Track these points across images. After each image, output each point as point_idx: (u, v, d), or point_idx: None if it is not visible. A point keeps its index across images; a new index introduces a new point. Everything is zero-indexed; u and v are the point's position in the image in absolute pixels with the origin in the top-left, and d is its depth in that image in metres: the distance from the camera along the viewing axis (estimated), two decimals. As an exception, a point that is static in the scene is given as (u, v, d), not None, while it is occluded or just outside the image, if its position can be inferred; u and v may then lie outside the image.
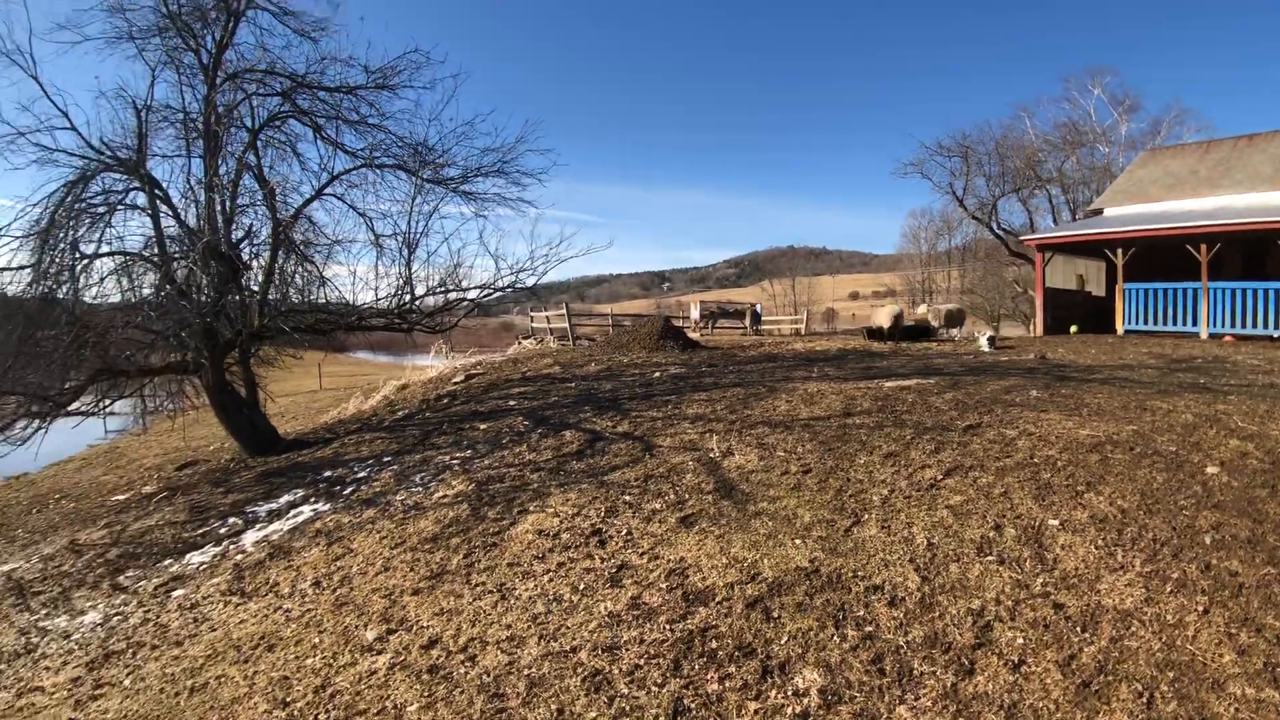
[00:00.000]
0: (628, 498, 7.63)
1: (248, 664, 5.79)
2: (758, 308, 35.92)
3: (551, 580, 6.09)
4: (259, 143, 14.15)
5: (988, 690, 4.15)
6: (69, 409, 12.43)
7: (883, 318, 21.95)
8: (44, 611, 7.99)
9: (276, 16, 14.16)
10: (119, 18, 13.14)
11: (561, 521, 7.26)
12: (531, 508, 7.76)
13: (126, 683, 5.98)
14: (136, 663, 6.28)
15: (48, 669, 6.60)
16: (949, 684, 4.24)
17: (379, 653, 5.51)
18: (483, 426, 11.94)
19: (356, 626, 5.97)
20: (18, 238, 12.05)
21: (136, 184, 13.04)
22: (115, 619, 7.35)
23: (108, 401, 13.53)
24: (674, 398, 12.06)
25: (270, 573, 7.59)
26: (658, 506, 7.27)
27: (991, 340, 18.92)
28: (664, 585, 5.68)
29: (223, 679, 5.66)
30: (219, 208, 13.61)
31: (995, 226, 51.31)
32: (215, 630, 6.55)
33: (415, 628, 5.77)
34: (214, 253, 12.81)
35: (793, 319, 42.96)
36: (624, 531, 6.81)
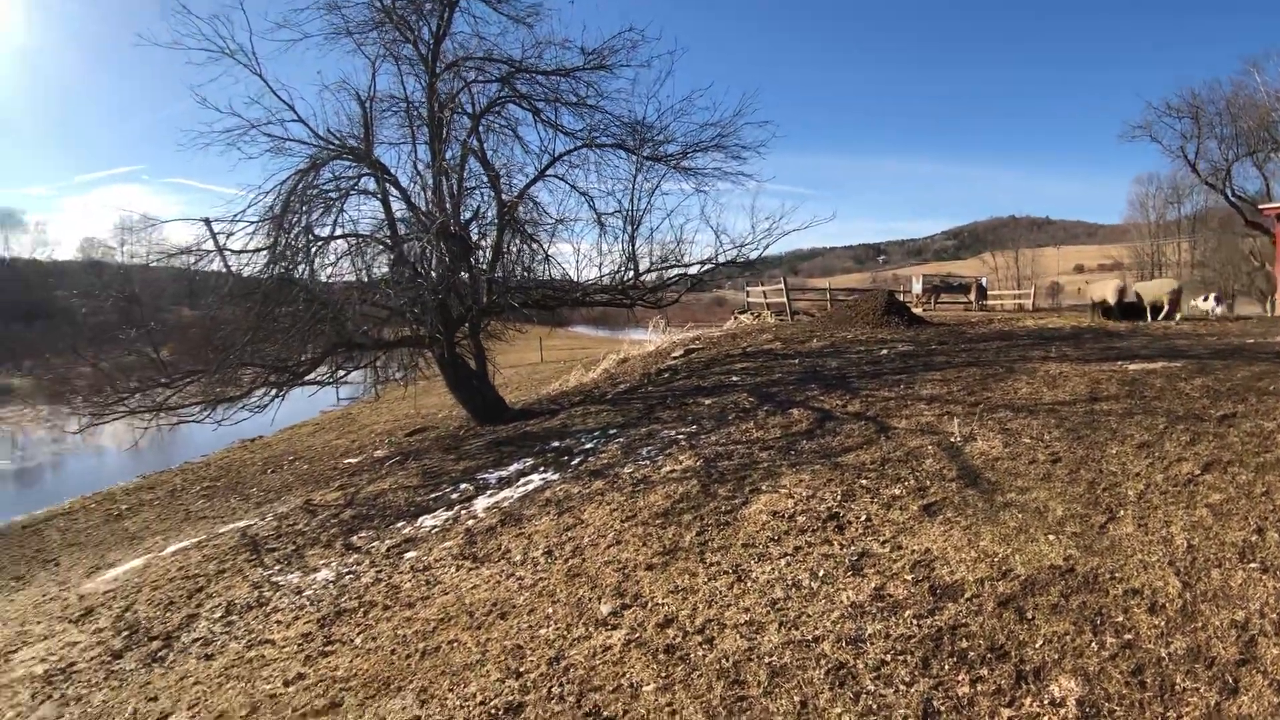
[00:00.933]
0: (864, 481, 6.91)
1: (480, 630, 5.36)
2: (983, 281, 33.63)
3: (789, 564, 5.50)
4: (480, 128, 14.25)
5: (1251, 713, 3.56)
6: (305, 379, 12.94)
7: (1106, 292, 19.85)
8: (277, 567, 7.93)
9: (490, 4, 14.15)
10: (335, 15, 13.48)
11: (796, 503, 6.60)
12: (764, 487, 7.13)
13: (357, 641, 5.63)
14: (368, 622, 5.96)
15: (279, 623, 6.42)
16: (1212, 703, 3.64)
17: (613, 628, 5.05)
18: (707, 402, 11.33)
19: (590, 599, 5.50)
20: (253, 222, 12.57)
21: (366, 170, 13.43)
22: (347, 577, 7.15)
23: (342, 372, 14.01)
24: (905, 377, 11.11)
25: (502, 539, 7.21)
26: (897, 492, 6.54)
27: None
28: (909, 577, 5.06)
29: (455, 644, 5.23)
30: (446, 191, 13.83)
31: (1230, 193, 45.39)
32: (447, 594, 6.17)
33: (650, 604, 5.27)
34: (446, 233, 12.97)
35: (1016, 294, 40.17)
36: (863, 517, 6.12)
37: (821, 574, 5.22)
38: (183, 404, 11.97)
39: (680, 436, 9.61)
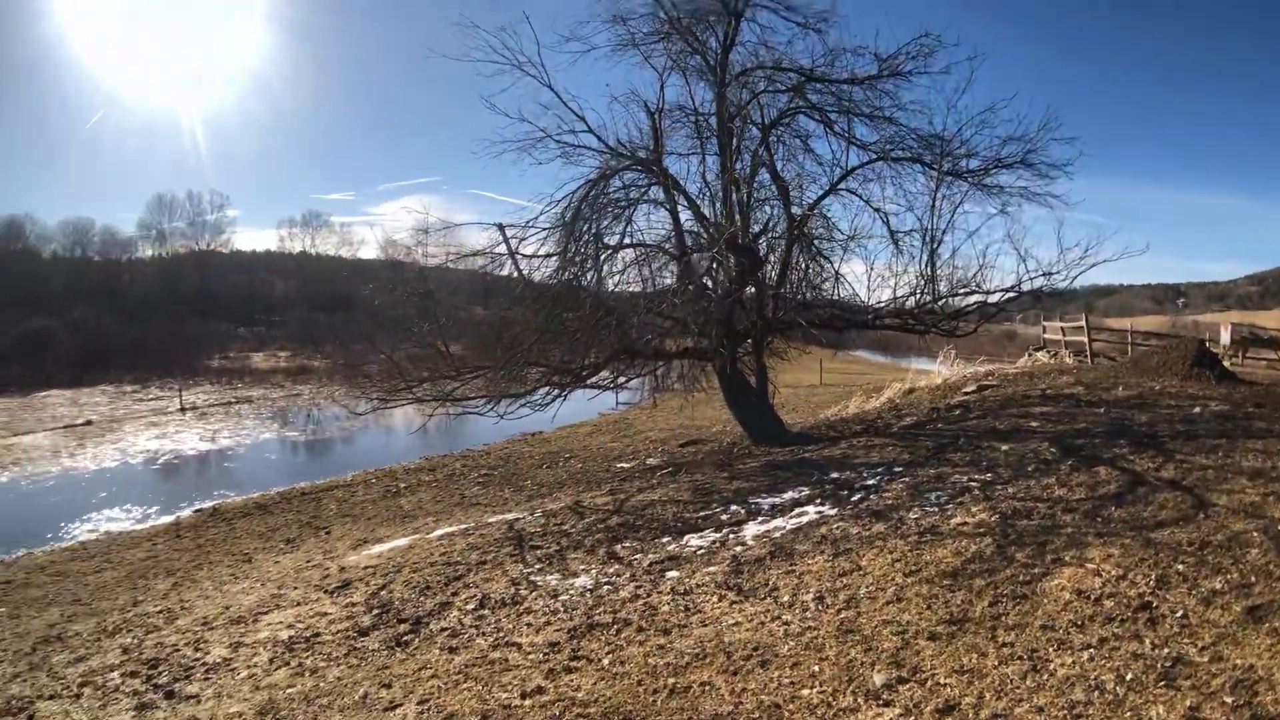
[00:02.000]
0: (1180, 566, 5.51)
1: (736, 676, 4.59)
2: (1298, 335, 28.30)
3: (1093, 660, 4.37)
4: (770, 139, 13.77)
5: None
6: (587, 381, 12.97)
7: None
8: (537, 566, 7.62)
9: (777, 12, 13.53)
10: (621, 27, 13.47)
11: (1104, 583, 5.35)
12: (1067, 558, 5.89)
13: (604, 661, 5.06)
14: (619, 642, 5.38)
15: (529, 625, 6.02)
16: None
17: (886, 703, 4.14)
18: (1003, 448, 9.97)
19: (862, 663, 4.59)
20: (544, 229, 12.89)
21: (655, 180, 13.36)
22: (605, 588, 6.65)
23: (623, 378, 13.97)
24: (1223, 443, 9.14)
25: (770, 573, 6.42)
26: (1218, 586, 5.13)
27: None
28: (1229, 699, 3.88)
29: (707, 687, 4.49)
30: (735, 202, 13.46)
31: None
32: (706, 626, 5.46)
33: (930, 682, 4.31)
34: (734, 245, 12.61)
35: (1339, 353, 33.11)
36: (1178, 612, 4.83)
37: (1129, 678, 4.11)
38: (468, 396, 12.42)
39: (973, 484, 8.37)
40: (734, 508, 8.77)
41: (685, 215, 13.66)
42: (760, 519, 8.19)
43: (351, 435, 25.85)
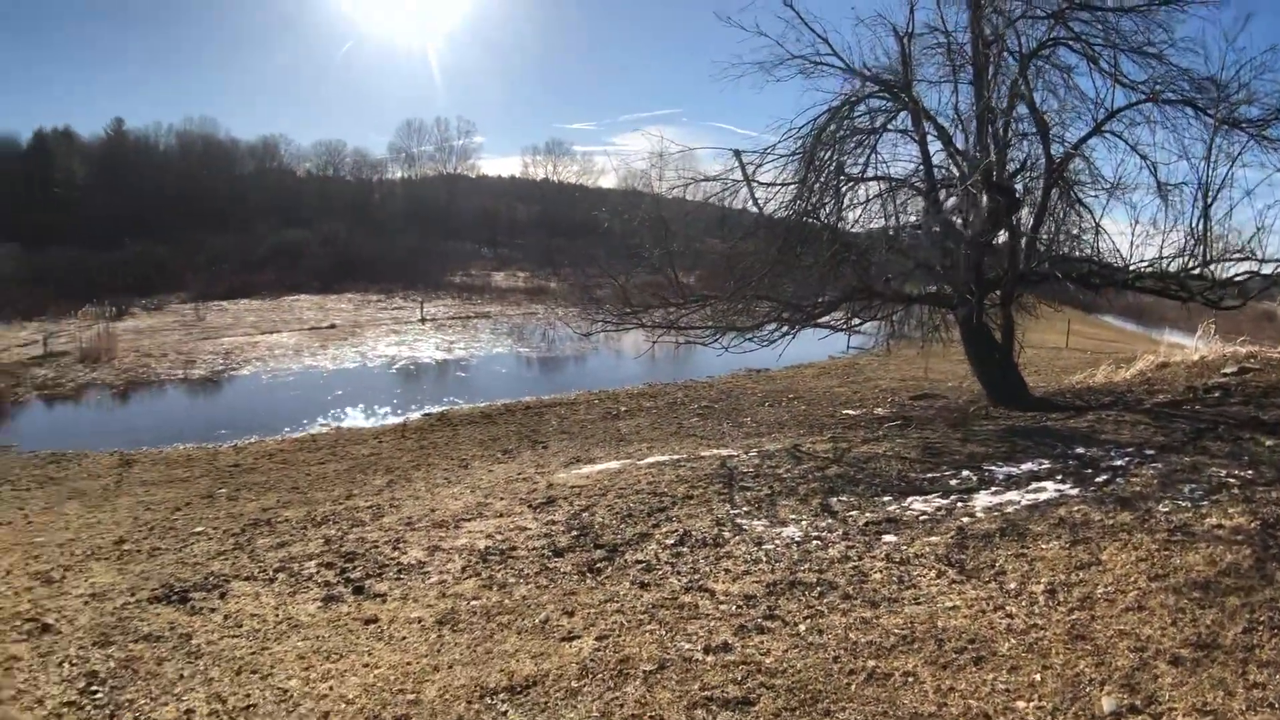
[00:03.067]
0: None
1: (945, 671, 4.02)
2: None
3: None
4: (1028, 71, 12.18)
5: None
6: (818, 320, 12.41)
7: None
8: (745, 509, 7.22)
9: None
10: None
11: None
12: None
13: (801, 627, 4.61)
14: (820, 607, 4.91)
15: (726, 572, 5.66)
16: None
17: None
18: (1268, 443, 8.41)
19: (1089, 680, 3.86)
20: (783, 157, 12.11)
21: (902, 107, 12.27)
22: (814, 543, 6.17)
23: (857, 320, 13.18)
24: None
25: (998, 553, 5.67)
26: None
27: None
28: None
29: (910, 679, 3.96)
30: (990, 137, 12.11)
31: None
32: (919, 604, 4.89)
33: (1164, 718, 3.56)
34: (989, 181, 11.33)
35: None
36: None
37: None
38: (694, 326, 12.16)
39: (1232, 481, 7.03)
40: (965, 473, 7.94)
41: (935, 148, 12.53)
42: (993, 489, 7.34)
43: (582, 356, 26.52)
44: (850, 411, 13.25)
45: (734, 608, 4.94)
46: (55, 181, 61.47)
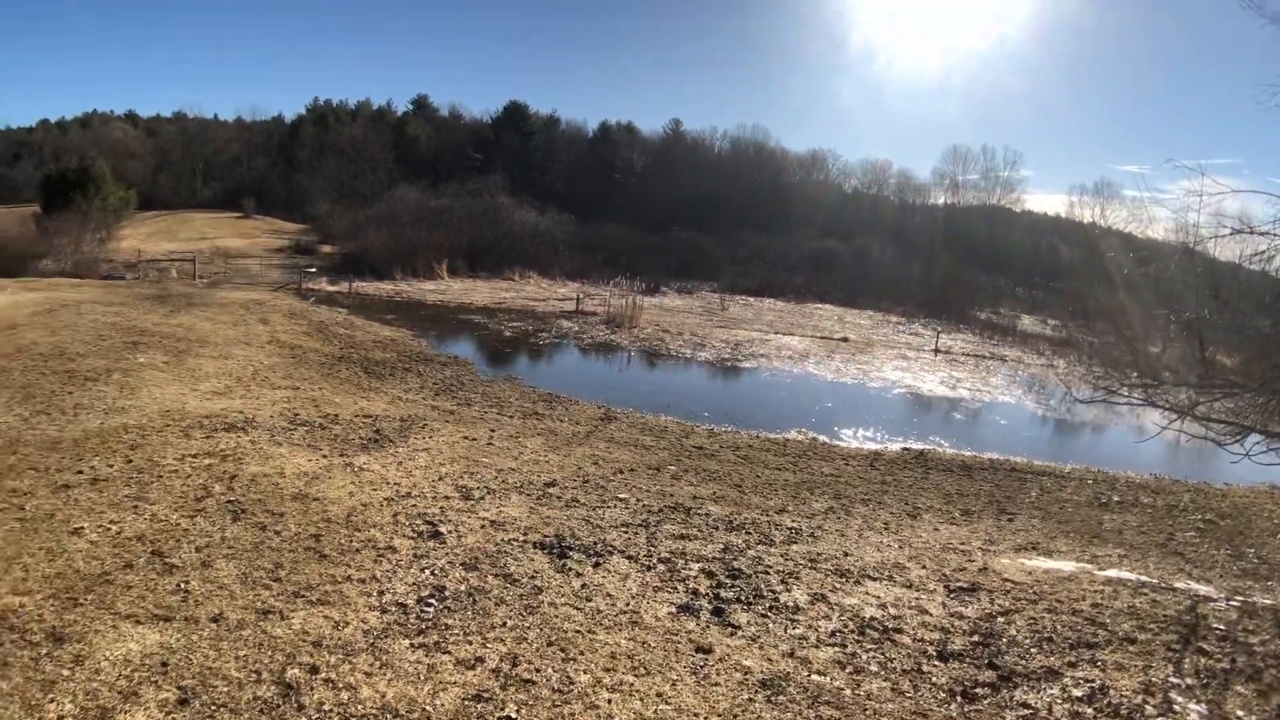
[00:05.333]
0: None
1: None
2: None
3: None
4: None
5: None
6: None
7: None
8: (1187, 682, 5.54)
9: None
10: None
11: None
12: None
13: None
14: None
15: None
16: None
17: None
18: None
19: None
20: None
21: None
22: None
23: None
24: None
25: None
26: None
27: None
28: None
29: None
30: None
31: None
32: None
33: None
34: None
35: None
36: None
37: None
38: (1214, 418, 9.62)
39: None
40: None
41: None
42: None
43: (1100, 425, 23.03)
44: None
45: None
46: (615, 168, 70.20)
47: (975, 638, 5.85)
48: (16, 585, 5.31)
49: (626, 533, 7.44)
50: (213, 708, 4.11)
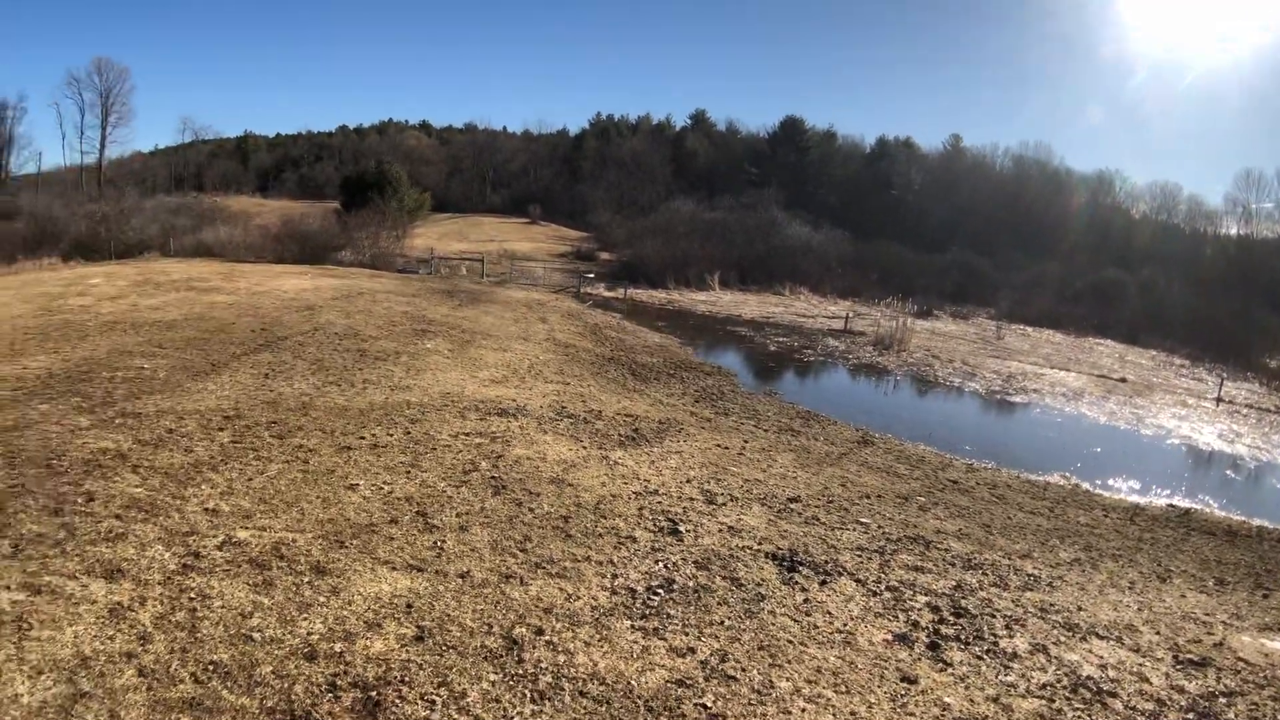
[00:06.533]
0: None
1: None
2: None
3: None
4: None
5: None
6: None
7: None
8: None
9: None
10: None
11: None
12: None
13: None
14: None
15: None
16: None
17: None
18: None
19: None
20: None
21: None
22: None
23: None
24: None
25: None
26: None
27: None
28: None
29: None
30: None
31: None
32: None
33: None
34: None
35: None
36: None
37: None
38: None
39: None
40: None
41: None
42: None
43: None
44: None
45: None
46: (892, 184, 68.01)
47: (1190, 715, 5.16)
48: (292, 524, 6.05)
49: (860, 556, 7.18)
50: (444, 648, 4.49)
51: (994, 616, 6.25)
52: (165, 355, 11.66)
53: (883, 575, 6.77)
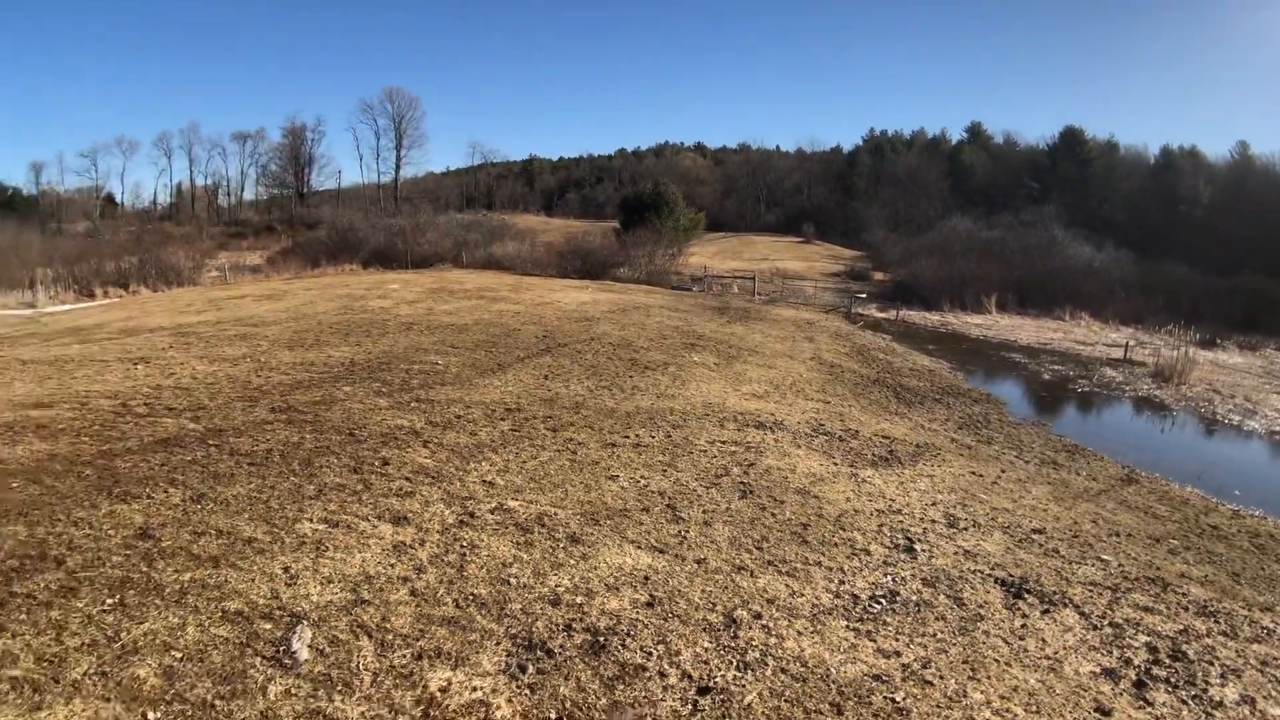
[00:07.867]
0: None
1: None
2: None
3: None
4: None
5: None
6: None
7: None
8: None
9: None
10: None
11: None
12: None
13: None
14: None
15: None
16: None
17: None
18: None
19: None
20: None
21: None
22: None
23: None
24: None
25: None
26: None
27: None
28: None
29: None
30: None
31: None
32: None
33: None
34: None
35: None
36: None
37: None
38: None
39: None
40: None
41: None
42: None
43: None
44: None
45: None
46: (1179, 198, 60.87)
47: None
48: (556, 501, 6.99)
49: (1091, 591, 6.93)
50: (669, 615, 5.09)
51: (1211, 664, 5.92)
52: (456, 354, 13.33)
53: (1109, 611, 6.55)
